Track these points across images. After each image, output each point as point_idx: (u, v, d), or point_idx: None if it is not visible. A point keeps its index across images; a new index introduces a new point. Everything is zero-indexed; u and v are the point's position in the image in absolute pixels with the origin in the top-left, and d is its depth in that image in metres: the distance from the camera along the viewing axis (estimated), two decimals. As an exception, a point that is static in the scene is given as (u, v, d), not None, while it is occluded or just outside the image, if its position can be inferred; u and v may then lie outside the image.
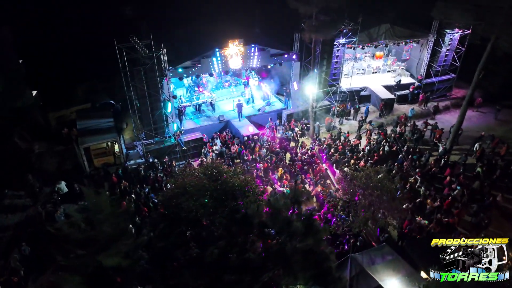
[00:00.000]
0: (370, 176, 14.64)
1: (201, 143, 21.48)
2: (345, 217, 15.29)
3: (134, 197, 17.27)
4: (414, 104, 28.40)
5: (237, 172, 12.90)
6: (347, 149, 21.15)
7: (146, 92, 18.33)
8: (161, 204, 12.94)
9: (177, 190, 11.44)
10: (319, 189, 18.09)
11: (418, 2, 26.25)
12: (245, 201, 11.92)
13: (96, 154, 19.20)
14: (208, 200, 11.22)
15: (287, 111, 24.51)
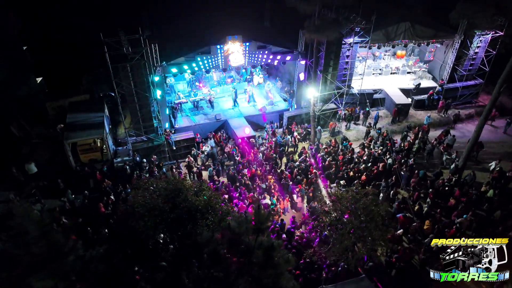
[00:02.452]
0: (356, 199, 13.19)
1: (193, 143, 20.60)
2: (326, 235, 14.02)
3: (113, 198, 16.77)
4: (433, 110, 26.11)
5: (203, 188, 11.87)
6: (347, 159, 19.59)
7: (133, 89, 17.55)
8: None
9: (127, 207, 10.62)
10: (308, 204, 16.84)
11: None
12: (204, 224, 10.92)
13: (82, 150, 18.79)
14: (159, 222, 10.30)
15: (288, 113, 23.07)
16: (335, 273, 13.46)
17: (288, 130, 22.20)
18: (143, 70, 17.37)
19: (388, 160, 19.06)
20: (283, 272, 9.62)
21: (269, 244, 10.18)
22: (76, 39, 26.28)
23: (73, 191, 17.51)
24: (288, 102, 24.03)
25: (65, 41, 26.60)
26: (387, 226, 12.96)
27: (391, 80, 27.41)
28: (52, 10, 27.61)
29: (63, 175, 18.44)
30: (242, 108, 23.66)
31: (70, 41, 26.60)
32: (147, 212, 10.30)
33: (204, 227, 11.02)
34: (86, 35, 25.97)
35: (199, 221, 11.03)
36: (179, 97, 22.63)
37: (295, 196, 17.44)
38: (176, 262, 10.21)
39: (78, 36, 26.05)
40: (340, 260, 12.73)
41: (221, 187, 17.39)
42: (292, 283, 9.66)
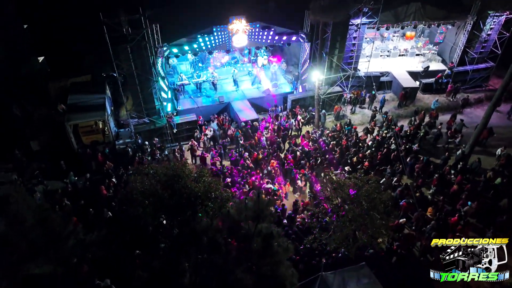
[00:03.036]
0: (358, 186, 13.00)
1: (195, 126, 20.38)
2: (326, 221, 13.94)
3: (115, 181, 16.76)
4: (442, 94, 25.50)
5: (203, 174, 11.73)
6: (351, 143, 19.28)
7: (134, 71, 17.22)
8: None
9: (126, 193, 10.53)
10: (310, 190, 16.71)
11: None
12: (203, 210, 10.83)
13: (84, 132, 18.67)
14: (158, 209, 10.22)
15: (292, 96, 22.64)
16: (335, 260, 13.45)
17: (292, 114, 21.84)
18: (144, 52, 16.99)
19: (392, 146, 18.72)
20: (282, 260, 9.57)
21: (268, 232, 10.10)
22: (77, 18, 25.69)
23: (75, 173, 17.54)
24: (292, 84, 23.55)
25: (66, 20, 26.01)
26: (389, 215, 12.82)
27: (399, 62, 26.68)
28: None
29: (65, 156, 18.44)
30: (246, 90, 23.26)
31: (71, 20, 26.03)
32: (145, 199, 10.20)
33: (204, 214, 10.97)
34: (87, 14, 25.51)
35: (199, 207, 10.95)
36: (181, 79, 22.26)
37: (299, 182, 17.25)
38: (175, 249, 10.20)
39: (79, 15, 25.45)
40: (340, 248, 12.67)
41: (222, 170, 17.25)
42: (291, 271, 9.61)
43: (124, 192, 10.69)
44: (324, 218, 14.23)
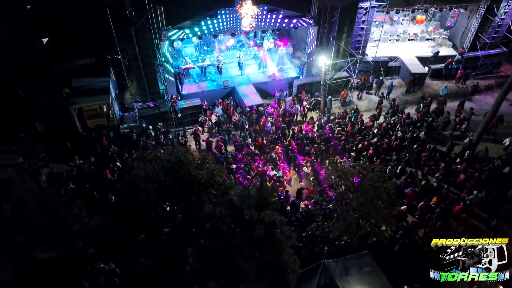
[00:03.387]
0: (363, 175, 12.88)
1: (200, 110, 20.24)
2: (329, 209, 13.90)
3: (120, 165, 16.80)
4: (451, 80, 24.98)
5: (206, 161, 11.66)
6: (356, 130, 19.05)
7: (138, 55, 17.01)
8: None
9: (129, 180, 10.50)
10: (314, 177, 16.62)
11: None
12: (206, 198, 10.82)
13: (88, 115, 18.65)
14: (160, 196, 10.22)
15: (298, 81, 22.30)
16: (338, 248, 13.48)
17: (298, 99, 21.58)
18: (148, 35, 16.72)
19: (398, 134, 18.47)
20: (284, 248, 9.57)
21: (271, 220, 10.07)
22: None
23: (80, 156, 17.60)
24: (299, 69, 23.16)
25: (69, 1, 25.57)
26: (393, 204, 12.74)
27: (408, 47, 26.05)
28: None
29: (70, 140, 18.47)
30: (251, 74, 22.94)
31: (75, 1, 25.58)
32: (148, 186, 10.19)
33: (207, 201, 10.96)
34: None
35: (202, 195, 10.94)
36: (186, 62, 21.97)
37: (305, 168, 17.15)
38: (178, 235, 10.25)
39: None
40: (343, 236, 12.66)
41: (226, 156, 17.19)
42: (293, 259, 9.62)
43: (128, 178, 10.65)
44: (327, 206, 14.18)
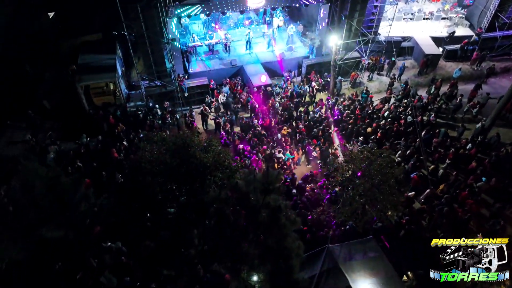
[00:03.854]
0: (371, 160, 12.70)
1: (207, 90, 19.99)
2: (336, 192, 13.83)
3: (126, 144, 16.80)
4: (466, 62, 24.22)
5: (212, 144, 11.57)
6: (365, 113, 18.69)
7: (144, 32, 16.66)
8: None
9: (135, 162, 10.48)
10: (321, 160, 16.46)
11: None
12: (212, 181, 10.81)
13: (95, 93, 18.54)
14: (166, 179, 10.21)
15: (308, 60, 21.79)
16: (343, 232, 13.50)
17: (307, 80, 21.15)
18: (155, 12, 16.32)
19: (408, 118, 18.08)
20: (289, 233, 9.58)
21: (276, 205, 10.04)
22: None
23: (87, 134, 17.62)
24: (309, 48, 22.59)
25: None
26: (400, 190, 12.60)
27: (423, 26, 25.17)
28: None
29: (77, 117, 18.47)
30: (260, 53, 22.46)
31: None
32: (154, 168, 10.17)
33: (212, 184, 10.94)
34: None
35: (207, 177, 10.91)
36: (193, 40, 21.53)
37: (314, 153, 16.95)
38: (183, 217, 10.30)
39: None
40: (348, 221, 12.63)
41: (233, 137, 17.08)
42: (298, 243, 9.64)
43: (134, 159, 10.62)
44: (333, 190, 14.12)
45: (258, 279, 9.93)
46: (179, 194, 10.60)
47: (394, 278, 11.57)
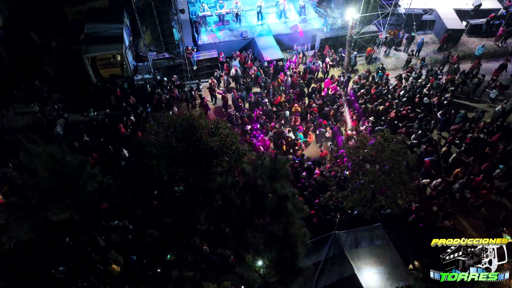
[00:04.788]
0: (382, 146, 12.25)
1: (216, 63, 19.35)
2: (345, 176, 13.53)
3: (134, 119, 16.55)
4: (490, 38, 22.88)
5: (220, 126, 11.24)
6: (380, 91, 17.94)
7: (151, 1, 15.90)
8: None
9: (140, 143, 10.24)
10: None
11: None
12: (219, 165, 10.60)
13: (102, 65, 18.06)
14: (171, 163, 10.01)
15: (322, 34, 20.76)
16: (350, 217, 13.34)
17: (320, 54, 20.27)
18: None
19: (424, 99, 17.32)
20: (295, 221, 9.44)
21: (283, 193, 9.83)
22: None
23: (95, 107, 17.38)
24: (324, 20, 21.47)
25: None
26: (412, 178, 12.24)
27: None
28: None
29: (85, 89, 18.16)
30: (272, 25, 21.44)
31: None
32: (159, 152, 9.96)
33: (219, 168, 10.74)
34: None
35: (214, 161, 10.69)
36: (203, 9, 20.57)
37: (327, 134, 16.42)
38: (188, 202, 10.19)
39: None
40: (356, 207, 12.41)
41: (241, 115, 16.65)
42: (304, 231, 9.51)
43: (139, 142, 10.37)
44: (344, 172, 13.78)
45: (262, 265, 9.95)
46: (185, 177, 10.43)
47: (400, 267, 11.49)
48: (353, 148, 12.74)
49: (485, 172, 14.73)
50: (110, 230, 11.86)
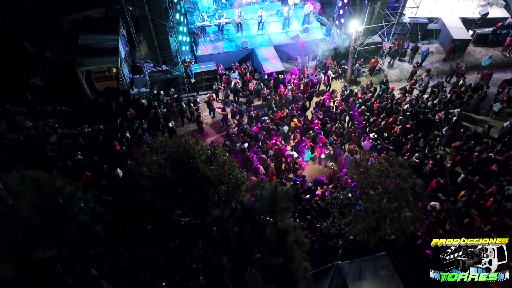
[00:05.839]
0: (388, 171, 11.66)
1: (215, 75, 18.76)
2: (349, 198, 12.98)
3: (129, 135, 15.99)
4: (497, 48, 22.26)
5: (216, 152, 10.67)
6: (383, 106, 17.34)
7: (147, 15, 15.30)
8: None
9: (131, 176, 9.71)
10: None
11: None
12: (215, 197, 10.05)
13: (97, 78, 17.49)
14: (166, 195, 9.47)
15: (324, 44, 20.14)
16: (353, 244, 12.79)
17: (322, 66, 19.65)
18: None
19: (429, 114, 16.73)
20: (296, 255, 8.95)
21: (283, 227, 9.34)
22: None
23: (90, 120, 16.83)
24: (326, 30, 20.84)
25: None
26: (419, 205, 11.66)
27: (453, 6, 22.95)
28: None
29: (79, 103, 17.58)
30: (273, 34, 20.80)
31: None
32: (152, 184, 9.40)
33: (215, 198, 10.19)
34: None
35: (210, 191, 10.13)
36: (203, 19, 19.92)
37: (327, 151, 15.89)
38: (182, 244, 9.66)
39: None
40: (359, 236, 11.84)
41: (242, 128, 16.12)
42: (305, 265, 9.01)
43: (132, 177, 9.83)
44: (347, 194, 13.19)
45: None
46: (179, 212, 9.90)
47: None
48: (356, 173, 12.19)
49: (495, 195, 14.17)
50: (103, 261, 11.34)
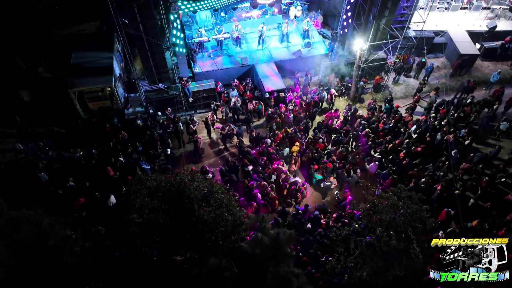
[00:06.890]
0: (396, 207, 10.94)
1: (213, 94, 18.04)
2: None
3: (123, 160, 15.25)
4: (506, 62, 21.53)
5: (213, 190, 9.94)
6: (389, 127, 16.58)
7: (142, 34, 14.57)
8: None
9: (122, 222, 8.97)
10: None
11: None
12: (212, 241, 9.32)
13: (90, 98, 16.76)
14: (158, 242, 8.75)
15: (327, 61, 19.39)
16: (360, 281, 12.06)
17: (325, 84, 18.90)
18: (154, 11, 14.12)
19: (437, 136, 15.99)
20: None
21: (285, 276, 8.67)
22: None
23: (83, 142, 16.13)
24: (329, 45, 20.10)
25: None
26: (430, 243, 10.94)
27: (459, 19, 22.22)
28: None
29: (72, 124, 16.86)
30: (273, 50, 20.08)
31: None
32: (143, 232, 8.68)
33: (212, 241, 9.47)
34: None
35: (207, 235, 9.39)
36: (200, 34, 19.20)
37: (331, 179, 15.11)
38: None
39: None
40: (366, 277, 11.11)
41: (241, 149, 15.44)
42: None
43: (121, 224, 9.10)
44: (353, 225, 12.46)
45: None
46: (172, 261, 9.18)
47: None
48: (363, 207, 11.47)
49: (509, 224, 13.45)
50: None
